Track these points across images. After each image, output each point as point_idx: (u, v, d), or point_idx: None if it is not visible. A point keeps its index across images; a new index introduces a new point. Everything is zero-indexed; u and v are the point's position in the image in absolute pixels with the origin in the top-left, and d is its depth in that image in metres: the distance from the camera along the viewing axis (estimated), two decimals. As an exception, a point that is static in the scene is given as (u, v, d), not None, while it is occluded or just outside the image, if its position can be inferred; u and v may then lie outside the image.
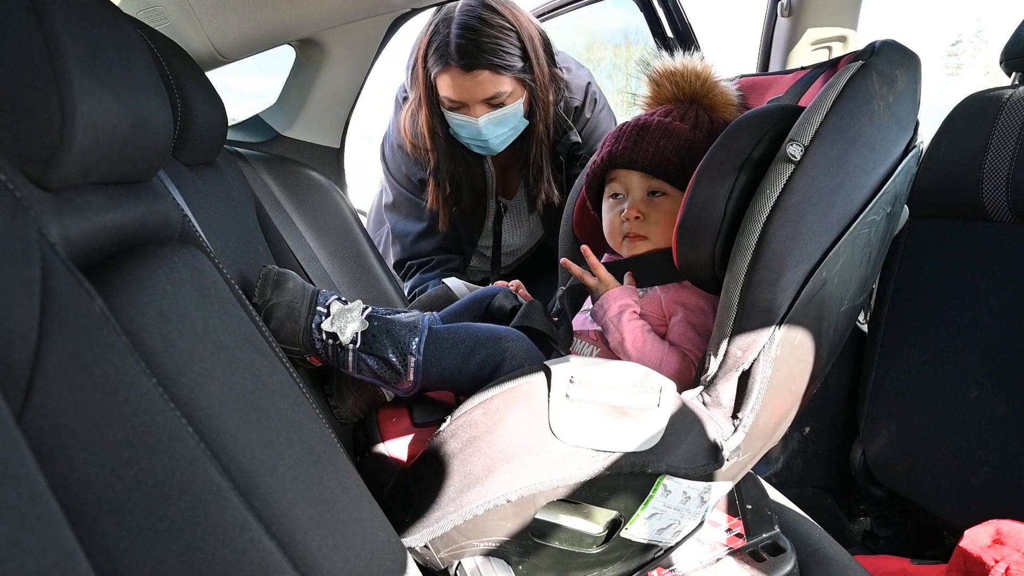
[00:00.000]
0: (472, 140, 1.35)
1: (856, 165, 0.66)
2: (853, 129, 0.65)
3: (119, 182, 0.49)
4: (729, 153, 0.71)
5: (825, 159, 0.64)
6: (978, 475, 1.13)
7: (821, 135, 0.64)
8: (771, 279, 0.64)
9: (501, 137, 1.34)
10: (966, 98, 1.14)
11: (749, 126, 0.72)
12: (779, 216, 0.63)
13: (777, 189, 0.64)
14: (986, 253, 1.12)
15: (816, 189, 0.64)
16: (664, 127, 0.86)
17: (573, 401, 0.65)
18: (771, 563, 0.81)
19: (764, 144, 0.70)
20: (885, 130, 0.68)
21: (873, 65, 0.68)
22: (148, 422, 0.37)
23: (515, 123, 1.34)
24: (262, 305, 0.73)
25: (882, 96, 0.67)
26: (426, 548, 0.69)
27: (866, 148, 0.66)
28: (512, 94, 1.29)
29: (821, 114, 0.65)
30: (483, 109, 1.28)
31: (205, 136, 0.79)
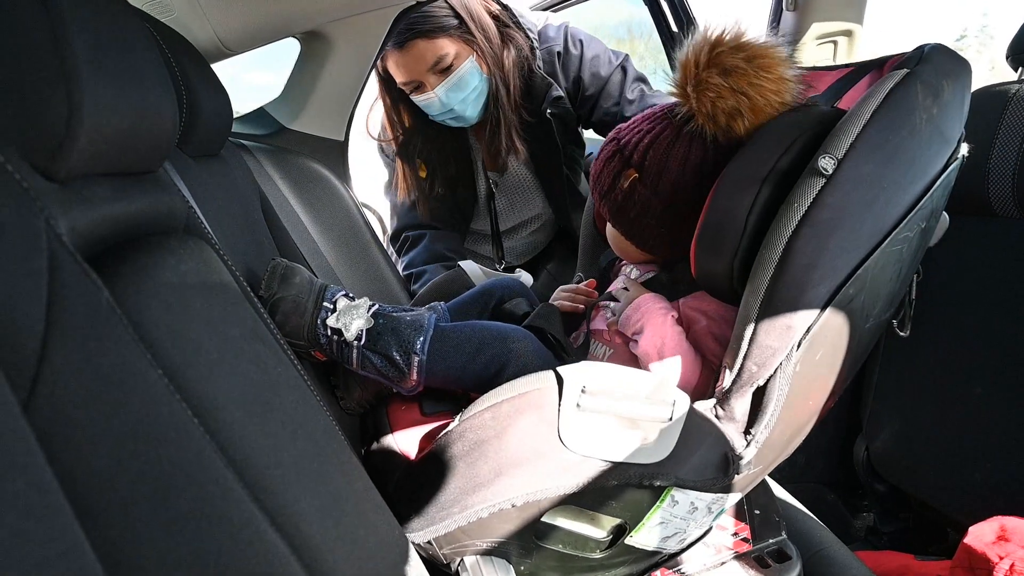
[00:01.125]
0: (443, 115, 1.34)
1: (892, 180, 0.62)
2: (892, 143, 0.61)
3: (125, 173, 0.49)
4: (752, 165, 0.68)
5: (859, 174, 0.60)
6: (982, 471, 1.13)
7: (857, 148, 0.60)
8: (793, 296, 0.61)
9: (467, 102, 1.32)
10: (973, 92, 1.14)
11: (776, 134, 0.69)
12: (806, 231, 0.60)
13: (805, 204, 0.60)
14: (992, 249, 1.11)
15: (848, 205, 0.60)
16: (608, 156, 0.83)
17: (584, 411, 0.63)
18: (776, 569, 0.81)
19: (792, 154, 0.66)
20: (927, 144, 0.64)
21: (919, 74, 0.63)
22: (155, 414, 0.37)
23: (475, 83, 1.32)
24: (268, 298, 0.73)
25: (926, 108, 0.63)
26: (429, 544, 0.69)
27: (904, 163, 0.63)
28: (458, 55, 1.27)
29: (858, 126, 0.60)
30: (435, 79, 1.27)
31: (210, 128, 0.79)
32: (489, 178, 1.55)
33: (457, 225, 1.59)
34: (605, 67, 1.44)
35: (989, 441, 1.12)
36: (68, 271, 0.35)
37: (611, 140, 0.84)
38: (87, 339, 0.34)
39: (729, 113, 0.73)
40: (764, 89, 0.72)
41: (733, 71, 0.72)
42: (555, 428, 0.64)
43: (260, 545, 0.40)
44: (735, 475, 0.68)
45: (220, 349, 0.46)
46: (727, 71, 0.72)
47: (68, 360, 0.33)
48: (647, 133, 0.80)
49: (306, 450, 0.52)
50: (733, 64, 0.72)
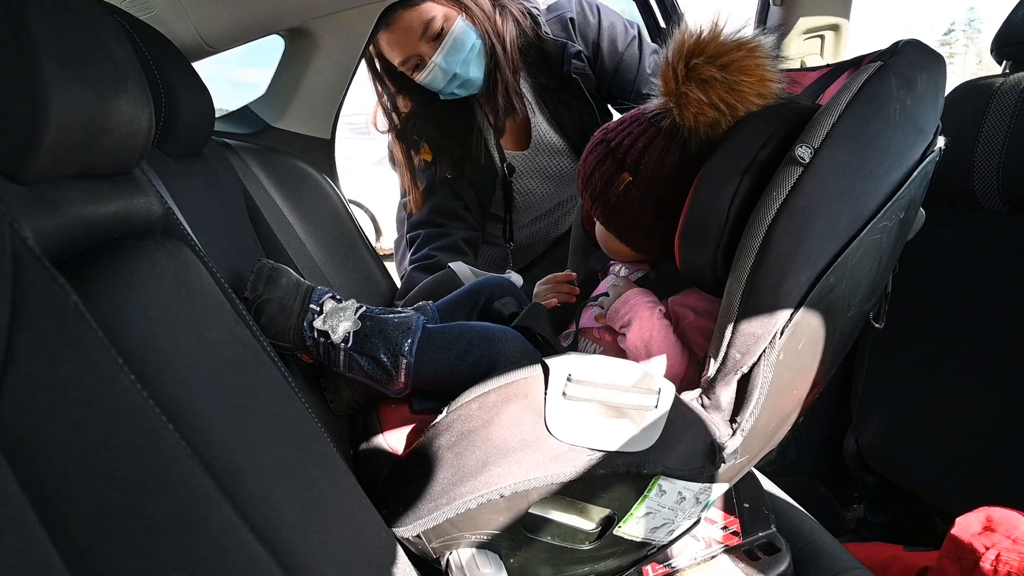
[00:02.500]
0: (450, 85, 1.31)
1: (868, 170, 0.63)
2: (867, 132, 0.62)
3: (98, 175, 0.48)
4: (734, 156, 0.69)
5: (835, 163, 0.61)
6: (969, 462, 1.14)
7: (832, 138, 0.61)
8: (774, 283, 0.62)
9: (469, 62, 1.30)
10: (957, 87, 1.14)
11: (755, 127, 0.70)
12: (785, 219, 0.61)
13: (784, 192, 0.61)
14: (978, 242, 1.12)
15: (825, 193, 0.61)
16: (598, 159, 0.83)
17: (570, 399, 0.64)
18: (766, 562, 0.81)
19: (771, 146, 0.67)
20: (901, 135, 0.66)
21: (892, 66, 0.65)
22: (127, 421, 0.36)
23: (471, 42, 1.29)
24: (253, 300, 0.72)
25: (899, 99, 0.64)
26: (418, 538, 0.68)
27: (880, 152, 0.64)
28: (447, 17, 1.25)
29: (834, 116, 0.62)
30: (430, 48, 1.25)
31: (191, 127, 0.78)
32: (505, 160, 1.50)
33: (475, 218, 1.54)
34: (621, 38, 1.42)
35: (976, 432, 1.13)
36: (33, 275, 0.34)
37: (599, 142, 0.84)
38: (54, 344, 0.33)
39: (710, 125, 0.74)
40: (744, 94, 0.72)
41: (711, 82, 0.72)
42: (542, 417, 0.64)
43: (240, 552, 0.39)
44: (721, 464, 0.68)
45: (198, 353, 0.46)
46: (705, 83, 0.72)
47: (35, 366, 0.32)
48: (639, 137, 0.80)
49: (288, 453, 0.51)
50: (710, 76, 0.72)
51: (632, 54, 1.42)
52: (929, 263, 1.19)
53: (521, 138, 1.51)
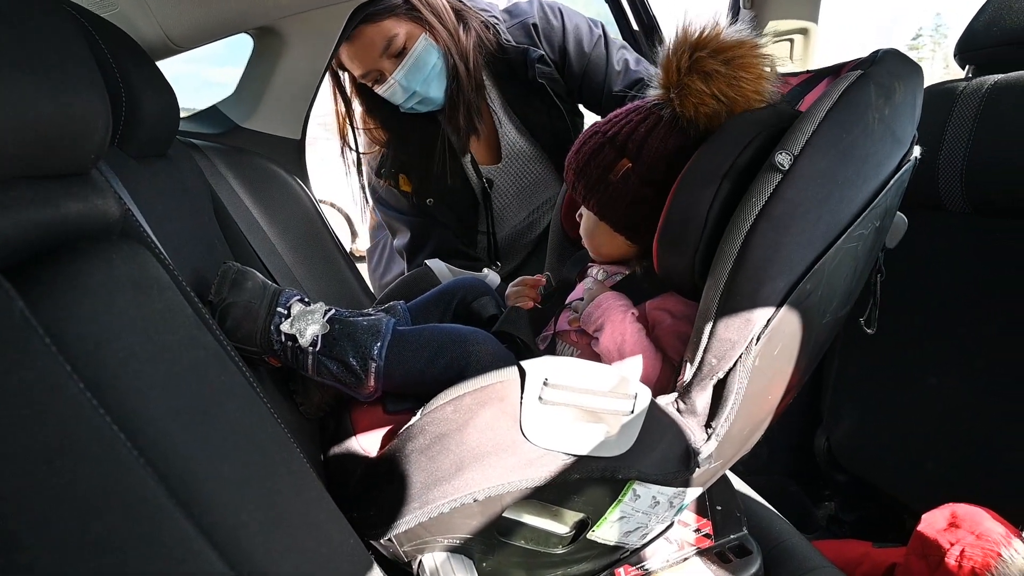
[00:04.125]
0: (409, 101, 1.30)
1: (846, 178, 0.64)
2: (845, 141, 0.63)
3: (50, 175, 0.46)
4: (713, 161, 0.69)
5: (814, 170, 0.62)
6: (936, 459, 1.16)
7: (812, 145, 0.62)
8: (751, 289, 0.62)
9: (429, 81, 1.29)
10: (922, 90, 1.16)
11: (735, 132, 0.70)
12: (763, 226, 0.61)
13: (763, 198, 0.62)
14: (942, 243, 1.14)
15: (803, 200, 0.62)
16: (594, 149, 0.82)
17: (546, 404, 0.63)
18: (737, 564, 0.82)
19: (751, 151, 0.67)
20: (879, 143, 0.66)
21: (872, 76, 0.65)
22: (75, 430, 0.35)
23: (433, 61, 1.28)
24: (218, 303, 0.70)
25: (878, 108, 0.65)
26: (390, 542, 0.67)
27: (858, 161, 0.64)
28: (409, 35, 1.24)
29: (813, 124, 0.62)
30: (391, 65, 1.25)
31: (154, 127, 0.76)
32: (482, 175, 1.50)
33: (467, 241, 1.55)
34: (587, 39, 1.41)
35: (942, 430, 1.15)
36: None
37: (594, 133, 0.84)
38: None
39: (710, 116, 0.75)
40: (744, 89, 0.74)
41: (714, 75, 0.73)
42: (517, 421, 0.64)
43: (193, 563, 0.38)
44: (696, 469, 0.68)
45: (154, 359, 0.44)
46: (708, 76, 0.73)
47: None
48: (640, 123, 0.80)
49: (250, 460, 0.50)
50: (713, 69, 0.73)
51: (599, 54, 1.41)
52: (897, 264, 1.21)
53: (493, 151, 1.50)
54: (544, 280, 1.01)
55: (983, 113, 1.05)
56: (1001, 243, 1.06)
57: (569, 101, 1.46)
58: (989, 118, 1.04)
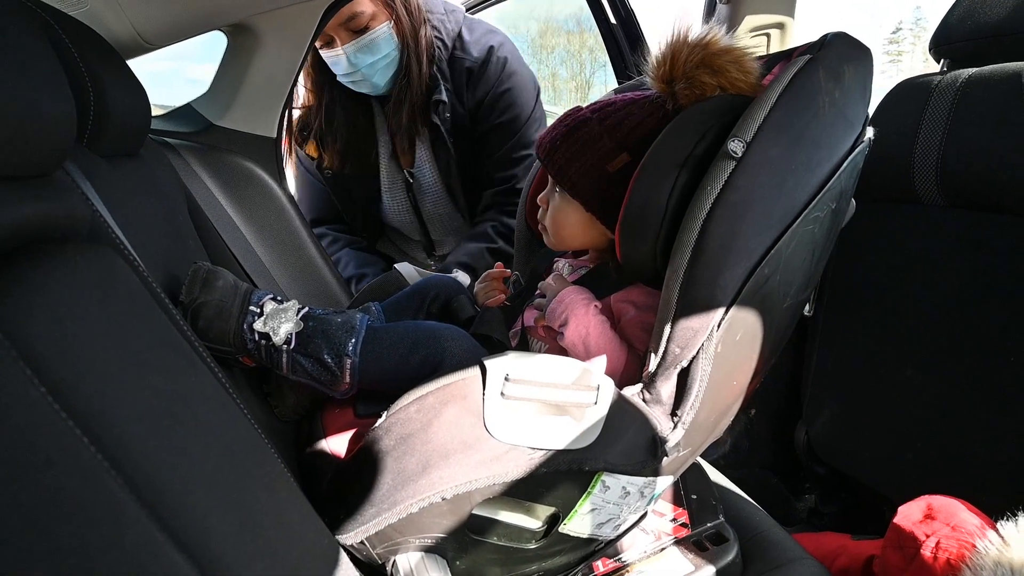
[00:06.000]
0: (348, 78, 1.31)
1: (800, 162, 0.65)
2: (797, 125, 0.64)
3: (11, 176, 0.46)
4: (671, 150, 0.70)
5: (767, 156, 0.63)
6: (913, 451, 1.17)
7: (764, 131, 0.63)
8: (710, 276, 0.63)
9: (377, 67, 1.30)
10: (897, 85, 1.18)
11: (692, 122, 0.71)
12: (719, 213, 0.62)
13: (718, 186, 0.63)
14: (917, 235, 1.15)
15: (758, 186, 0.63)
16: (587, 138, 0.81)
17: (508, 399, 0.64)
18: (714, 552, 0.82)
19: (708, 140, 0.68)
20: (831, 126, 0.67)
21: (820, 60, 0.66)
22: (35, 436, 0.34)
23: (388, 50, 1.30)
24: (189, 304, 0.70)
25: (828, 92, 0.66)
26: (362, 544, 0.67)
27: (810, 145, 0.66)
28: (374, 17, 1.25)
29: (764, 110, 0.63)
30: (346, 36, 1.26)
31: (124, 126, 0.75)
32: (404, 169, 1.52)
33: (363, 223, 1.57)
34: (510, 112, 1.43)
35: (919, 422, 1.16)
36: None
37: (585, 121, 0.82)
38: None
39: None
40: (742, 88, 0.76)
41: (721, 71, 0.75)
42: (481, 417, 0.64)
43: (158, 568, 0.38)
44: (664, 457, 0.69)
45: (120, 361, 0.44)
46: (716, 71, 0.75)
47: None
48: (646, 118, 0.80)
49: (221, 463, 0.49)
50: (721, 65, 0.75)
51: (511, 128, 1.43)
52: (872, 257, 1.22)
53: (409, 155, 1.52)
54: (510, 272, 1.02)
55: (958, 106, 1.06)
56: (976, 236, 1.08)
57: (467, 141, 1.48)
58: (964, 111, 1.06)
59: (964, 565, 0.74)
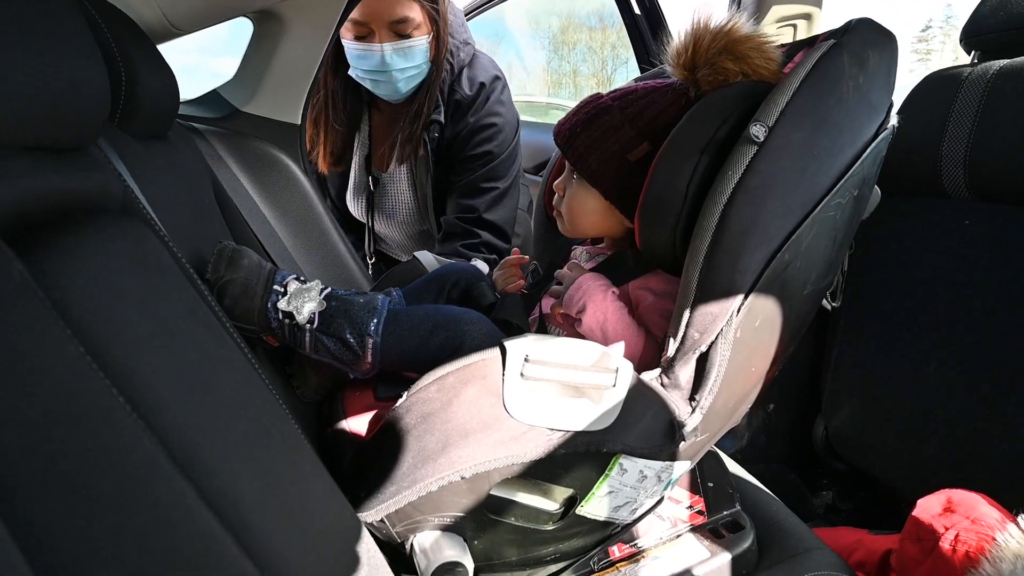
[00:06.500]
0: (372, 75, 1.32)
1: (822, 147, 0.65)
2: (820, 110, 0.64)
3: (50, 148, 0.47)
4: (692, 134, 0.70)
5: (789, 141, 0.62)
6: (934, 448, 1.16)
7: (786, 116, 0.62)
8: (730, 261, 0.63)
9: (407, 73, 1.32)
10: (926, 77, 1.16)
11: (714, 107, 0.71)
12: (740, 198, 0.62)
13: (739, 171, 0.62)
14: (944, 230, 1.14)
15: (779, 171, 0.62)
16: (608, 127, 0.81)
17: (528, 380, 0.64)
18: (730, 540, 0.82)
19: (729, 124, 0.68)
20: (854, 112, 0.67)
21: (845, 45, 0.66)
22: (74, 391, 0.36)
23: (421, 62, 1.32)
24: (215, 282, 0.71)
25: (852, 77, 0.65)
26: (382, 522, 0.68)
27: (833, 130, 0.65)
28: (419, 27, 1.27)
29: (787, 95, 0.63)
30: (389, 36, 1.26)
31: (153, 107, 0.77)
32: (372, 172, 1.54)
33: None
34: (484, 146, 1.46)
35: (941, 418, 1.15)
36: None
37: (606, 108, 0.82)
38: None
39: None
40: (764, 75, 0.76)
41: (744, 57, 0.75)
42: (500, 397, 0.65)
43: (190, 525, 0.39)
44: (681, 442, 0.69)
45: (153, 329, 0.45)
46: (738, 58, 0.75)
47: None
48: (669, 106, 0.80)
49: (247, 432, 0.51)
50: (744, 52, 0.75)
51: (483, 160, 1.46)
52: (896, 251, 1.21)
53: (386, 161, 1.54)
54: (527, 259, 1.02)
55: (988, 99, 1.05)
56: (1003, 230, 1.06)
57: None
58: (994, 104, 1.04)
59: (983, 558, 0.74)
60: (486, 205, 1.47)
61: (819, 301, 0.81)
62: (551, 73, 6.04)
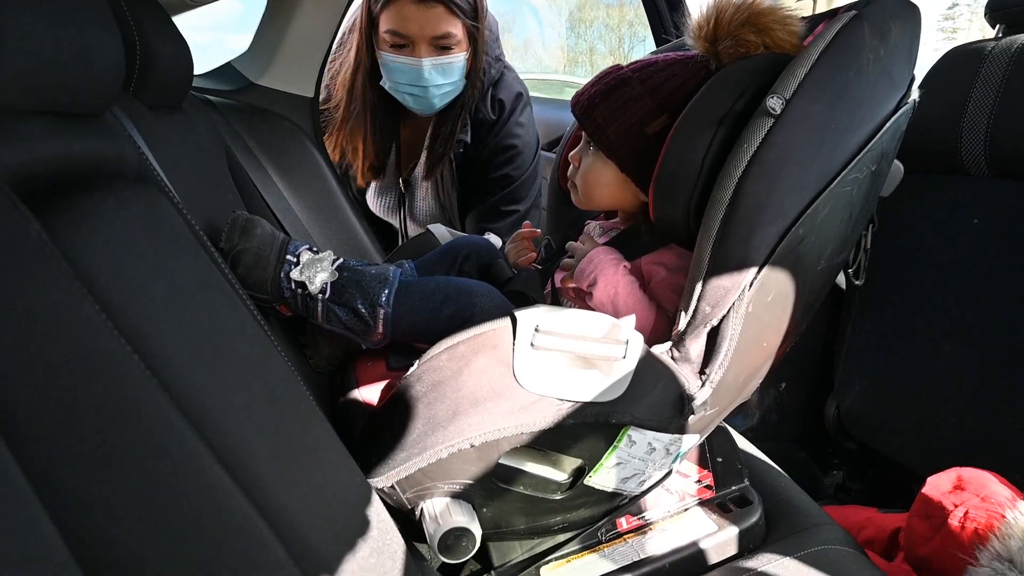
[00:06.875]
0: (409, 88, 1.30)
1: (840, 121, 0.64)
2: (838, 83, 0.62)
3: (66, 113, 0.48)
4: (710, 106, 0.69)
5: (806, 114, 0.61)
6: (946, 427, 1.15)
7: (804, 88, 0.61)
8: (744, 235, 0.63)
9: (443, 89, 1.30)
10: (948, 51, 1.13)
11: (731, 79, 0.70)
12: (755, 171, 0.61)
13: (755, 144, 0.61)
14: (962, 207, 1.12)
15: (795, 144, 0.62)
16: (628, 98, 0.79)
17: (538, 350, 0.64)
18: (738, 514, 0.83)
19: (747, 97, 0.67)
20: (874, 85, 0.66)
21: (866, 16, 0.64)
22: (89, 347, 0.36)
23: (457, 78, 1.31)
24: (228, 251, 0.72)
25: (872, 49, 0.64)
26: (392, 489, 0.69)
27: (852, 103, 0.64)
28: (459, 44, 1.26)
29: (806, 67, 0.62)
30: (429, 51, 1.25)
31: (167, 77, 0.77)
32: (400, 178, 1.54)
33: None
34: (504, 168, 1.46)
35: (955, 398, 1.14)
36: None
37: (626, 79, 0.81)
38: (12, 270, 0.34)
39: None
40: (785, 48, 0.74)
41: (766, 30, 0.74)
42: (510, 367, 0.65)
43: (202, 479, 0.40)
44: (691, 415, 0.69)
45: (167, 293, 0.46)
46: (760, 30, 0.74)
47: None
48: (689, 79, 0.78)
49: (260, 395, 0.51)
50: (766, 24, 0.74)
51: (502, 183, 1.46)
52: (914, 228, 1.19)
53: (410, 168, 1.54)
54: (539, 233, 1.02)
55: (1012, 74, 1.02)
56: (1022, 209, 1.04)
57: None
58: (1018, 79, 1.02)
59: (992, 535, 0.73)
60: (508, 229, 1.46)
61: (833, 277, 0.80)
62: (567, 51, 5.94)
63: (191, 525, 0.39)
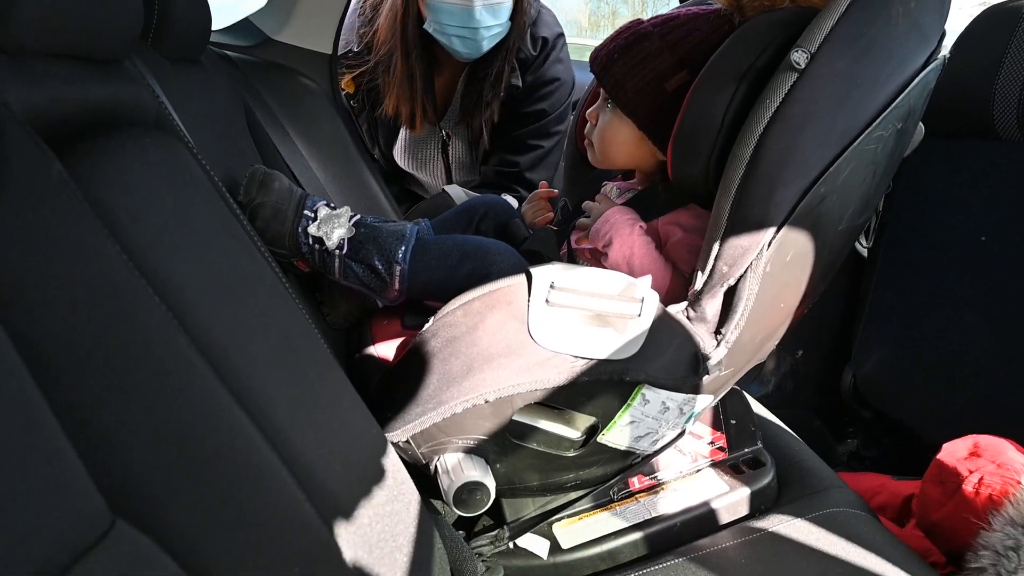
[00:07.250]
0: (458, 31, 1.28)
1: (867, 76, 0.61)
2: (866, 37, 0.60)
3: (87, 58, 0.48)
4: (732, 61, 0.67)
5: (832, 68, 0.59)
6: (965, 396, 1.14)
7: (830, 42, 0.59)
8: (764, 193, 0.61)
9: (492, 31, 1.28)
10: (982, 12, 1.09)
11: (755, 33, 0.67)
12: (778, 127, 0.59)
13: (778, 99, 0.59)
14: (992, 172, 1.10)
15: (820, 100, 0.60)
16: (647, 54, 0.77)
17: (553, 306, 0.64)
18: (750, 475, 0.84)
19: (770, 52, 0.65)
20: (903, 40, 0.63)
21: None
22: (111, 286, 0.37)
23: (504, 20, 1.28)
24: (247, 204, 0.72)
25: (903, 1, 0.61)
26: (408, 443, 0.70)
27: (879, 58, 0.62)
28: None
29: (832, 19, 0.59)
30: None
31: (186, 28, 0.77)
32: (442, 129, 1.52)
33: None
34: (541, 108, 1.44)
35: (975, 367, 1.13)
36: (15, 140, 0.34)
37: (647, 35, 0.78)
38: (35, 207, 0.34)
39: None
40: (812, 2, 0.71)
41: None
42: (525, 323, 0.65)
43: (221, 419, 0.41)
44: (705, 375, 0.69)
45: (186, 238, 0.46)
46: None
47: (13, 225, 0.32)
48: (712, 33, 0.76)
49: (278, 343, 0.52)
50: None
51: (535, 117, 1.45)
52: (940, 195, 1.17)
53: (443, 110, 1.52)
54: (556, 193, 1.02)
55: (1051, 34, 0.99)
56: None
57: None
58: (1058, 40, 0.98)
59: (1007, 500, 0.73)
60: (529, 163, 1.45)
61: (854, 238, 0.78)
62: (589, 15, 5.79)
63: (210, 463, 0.40)
